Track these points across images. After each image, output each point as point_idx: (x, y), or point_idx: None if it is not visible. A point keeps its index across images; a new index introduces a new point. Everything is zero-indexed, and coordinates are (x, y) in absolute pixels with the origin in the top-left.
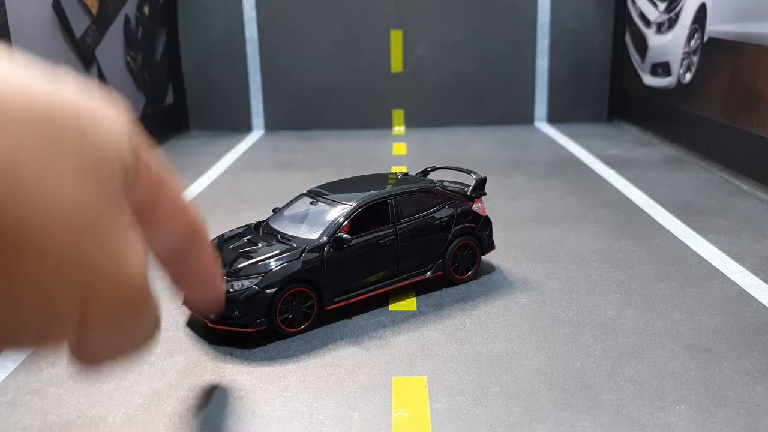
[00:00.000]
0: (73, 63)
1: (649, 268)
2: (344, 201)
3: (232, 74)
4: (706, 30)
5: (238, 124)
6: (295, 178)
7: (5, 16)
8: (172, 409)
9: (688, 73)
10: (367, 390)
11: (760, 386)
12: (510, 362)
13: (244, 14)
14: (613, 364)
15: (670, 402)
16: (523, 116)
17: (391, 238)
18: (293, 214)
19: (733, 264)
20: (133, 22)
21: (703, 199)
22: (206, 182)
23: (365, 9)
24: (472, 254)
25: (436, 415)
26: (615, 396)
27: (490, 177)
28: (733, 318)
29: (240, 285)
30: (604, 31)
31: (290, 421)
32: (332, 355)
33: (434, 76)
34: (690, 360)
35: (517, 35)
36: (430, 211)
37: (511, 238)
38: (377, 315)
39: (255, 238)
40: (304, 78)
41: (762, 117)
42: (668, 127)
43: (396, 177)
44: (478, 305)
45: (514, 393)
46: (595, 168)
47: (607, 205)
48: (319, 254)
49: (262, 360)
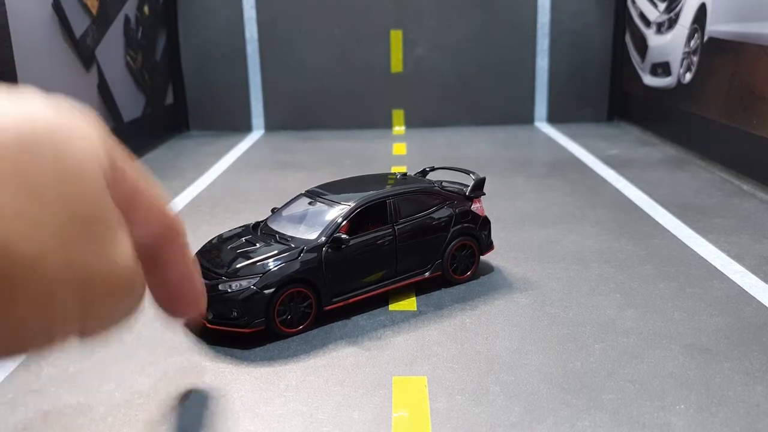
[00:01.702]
0: (73, 63)
1: (649, 268)
2: (343, 201)
3: (232, 74)
4: (706, 30)
5: (238, 124)
6: (295, 178)
7: (5, 16)
8: (173, 409)
9: (688, 73)
10: (367, 390)
11: (760, 386)
12: (510, 362)
13: (244, 14)
14: (613, 364)
15: (670, 402)
16: (523, 116)
17: (390, 238)
18: (292, 214)
19: (733, 264)
20: (133, 22)
21: (703, 199)
22: (206, 182)
23: (365, 9)
24: (471, 254)
25: (436, 415)
26: (615, 396)
27: (490, 177)
28: (733, 318)
29: (238, 285)
30: (605, 31)
31: (290, 421)
32: (332, 355)
33: (434, 76)
34: (690, 360)
35: (518, 35)
36: (428, 212)
37: (511, 238)
38: (377, 315)
39: (253, 238)
40: (304, 78)
41: (762, 117)
42: (668, 127)
43: (395, 177)
44: (478, 305)
45: (514, 393)
46: (595, 168)
47: (607, 205)
48: (318, 254)
49: (262, 360)
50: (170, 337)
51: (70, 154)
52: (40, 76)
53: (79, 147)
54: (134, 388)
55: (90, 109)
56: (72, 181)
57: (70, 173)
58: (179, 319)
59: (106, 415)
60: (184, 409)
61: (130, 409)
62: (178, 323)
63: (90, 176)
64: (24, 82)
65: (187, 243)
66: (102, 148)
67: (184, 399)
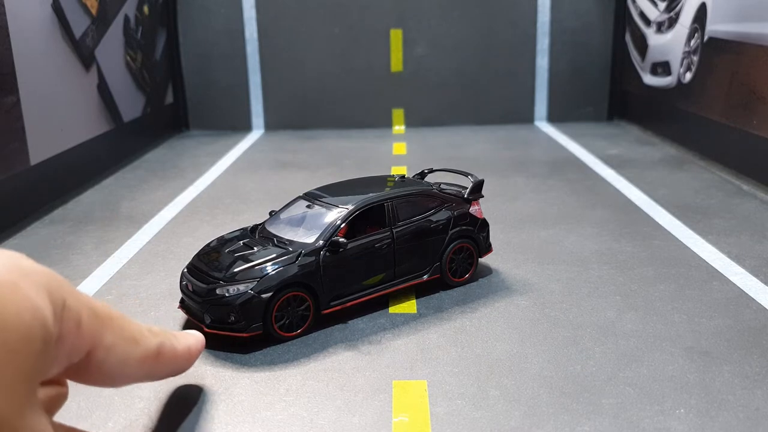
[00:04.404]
0: (72, 63)
1: (649, 269)
2: (340, 204)
3: (232, 74)
4: (706, 30)
5: (238, 123)
6: (296, 178)
7: (5, 16)
8: (173, 414)
9: (689, 72)
10: (368, 394)
11: (760, 390)
12: (510, 366)
13: (244, 14)
14: (613, 368)
15: (670, 406)
16: (523, 116)
17: (388, 241)
18: (289, 217)
19: (733, 265)
20: (132, 22)
21: (703, 199)
22: (206, 182)
23: (365, 8)
24: (470, 256)
25: (436, 419)
26: (615, 400)
27: (489, 177)
28: (733, 320)
29: (236, 290)
30: (605, 30)
31: (291, 425)
32: (332, 359)
33: (434, 75)
34: (690, 363)
35: (518, 34)
36: (426, 214)
37: (511, 239)
38: (377, 318)
39: (251, 241)
40: (304, 78)
41: (762, 117)
42: (668, 126)
43: (393, 180)
44: (478, 308)
45: (514, 397)
46: (595, 168)
47: (607, 206)
48: (316, 258)
49: (262, 364)
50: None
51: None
52: (39, 77)
53: (6, 319)
54: (134, 393)
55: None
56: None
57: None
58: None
59: (106, 420)
60: (185, 413)
61: (130, 413)
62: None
63: (16, 354)
64: (23, 82)
65: (178, 348)
66: (43, 307)
67: (185, 403)
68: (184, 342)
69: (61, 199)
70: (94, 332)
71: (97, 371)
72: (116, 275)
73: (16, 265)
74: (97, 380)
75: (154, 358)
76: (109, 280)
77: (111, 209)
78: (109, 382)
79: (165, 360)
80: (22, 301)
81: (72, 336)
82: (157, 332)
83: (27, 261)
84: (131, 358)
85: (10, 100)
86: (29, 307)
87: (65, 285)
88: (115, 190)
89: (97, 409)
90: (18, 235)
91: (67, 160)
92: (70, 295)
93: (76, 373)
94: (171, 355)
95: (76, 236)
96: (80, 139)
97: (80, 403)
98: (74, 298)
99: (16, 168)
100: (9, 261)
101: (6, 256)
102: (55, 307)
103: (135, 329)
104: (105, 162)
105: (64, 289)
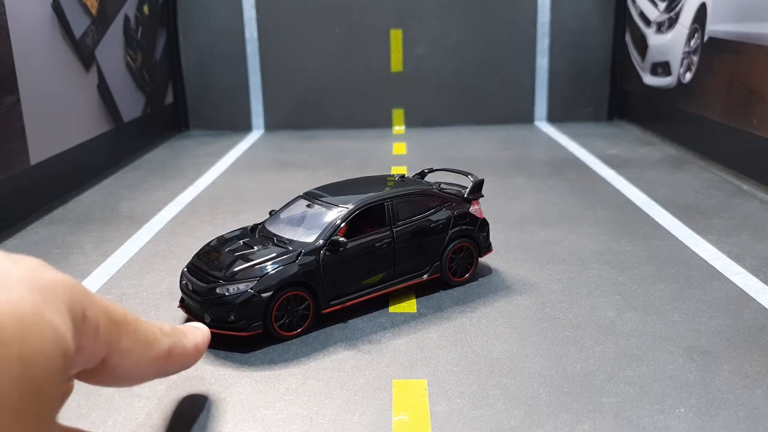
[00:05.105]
0: (72, 63)
1: (649, 269)
2: (340, 204)
3: (232, 74)
4: (706, 30)
5: (238, 123)
6: (296, 178)
7: (5, 16)
8: (173, 413)
9: (688, 72)
10: (368, 393)
11: (760, 389)
12: (510, 365)
13: (244, 14)
14: (613, 367)
15: (670, 405)
16: (523, 116)
17: (388, 240)
18: (289, 216)
19: (733, 265)
20: (132, 21)
21: (703, 199)
22: (206, 182)
23: (365, 8)
24: (470, 256)
25: (436, 418)
26: (615, 399)
27: (489, 177)
28: (733, 320)
29: (236, 289)
30: (605, 30)
31: (291, 424)
32: (332, 358)
33: (434, 75)
34: (690, 363)
35: (517, 35)
36: (426, 214)
37: (511, 239)
38: (377, 317)
39: (251, 241)
40: (304, 78)
41: (762, 117)
42: (668, 126)
43: (393, 179)
44: (478, 307)
45: (514, 396)
46: (595, 168)
47: (607, 205)
48: (315, 257)
49: (262, 363)
50: None
51: (14, 365)
52: (39, 77)
53: (26, 354)
54: (134, 392)
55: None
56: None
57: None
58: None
59: (106, 419)
60: (184, 412)
61: (130, 412)
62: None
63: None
64: (23, 82)
65: (188, 350)
66: (63, 321)
67: (184, 402)
68: (192, 339)
69: (61, 199)
70: (110, 339)
71: (110, 374)
72: (116, 275)
73: (38, 282)
74: (108, 381)
75: (165, 358)
76: (109, 279)
77: (111, 209)
78: (119, 383)
79: (175, 359)
80: (45, 331)
81: (90, 345)
82: (168, 332)
83: (47, 273)
84: (144, 360)
85: (10, 99)
86: (52, 337)
87: (83, 294)
88: (115, 190)
89: (97, 408)
90: (18, 235)
91: (67, 160)
92: (88, 305)
93: (88, 375)
94: (181, 354)
95: (76, 236)
96: (80, 139)
97: (80, 402)
98: (92, 307)
99: (16, 168)
100: (30, 277)
101: (26, 269)
102: (75, 322)
103: (149, 332)
104: (105, 162)
105: (83, 300)
